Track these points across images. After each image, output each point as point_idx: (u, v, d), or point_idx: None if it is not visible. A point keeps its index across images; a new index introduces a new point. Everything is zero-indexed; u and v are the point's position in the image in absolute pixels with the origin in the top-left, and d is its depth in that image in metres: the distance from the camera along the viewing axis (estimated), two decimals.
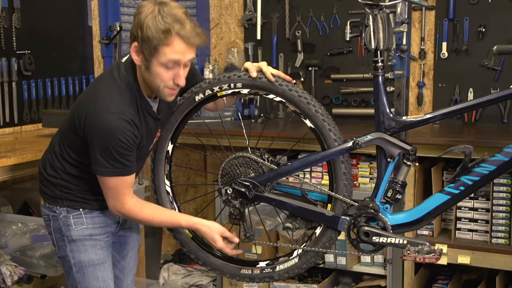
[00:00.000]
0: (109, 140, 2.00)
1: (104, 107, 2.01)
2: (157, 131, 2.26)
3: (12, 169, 2.68)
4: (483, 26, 3.47)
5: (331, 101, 3.89)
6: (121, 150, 2.02)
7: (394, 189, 2.12)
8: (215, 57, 4.29)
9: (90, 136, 2.04)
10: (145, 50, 1.97)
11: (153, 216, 2.20)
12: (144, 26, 1.94)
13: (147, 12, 1.95)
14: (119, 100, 2.03)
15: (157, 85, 2.04)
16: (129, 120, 2.02)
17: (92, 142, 2.04)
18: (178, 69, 2.01)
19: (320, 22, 3.89)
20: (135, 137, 2.05)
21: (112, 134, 1.99)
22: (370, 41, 2.11)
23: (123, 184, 2.10)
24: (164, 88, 2.04)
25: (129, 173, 2.10)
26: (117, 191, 2.11)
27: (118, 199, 2.12)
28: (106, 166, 2.05)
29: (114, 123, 1.99)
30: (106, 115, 2.00)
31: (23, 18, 3.46)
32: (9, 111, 3.40)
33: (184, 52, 1.98)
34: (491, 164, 1.99)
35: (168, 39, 1.94)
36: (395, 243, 2.09)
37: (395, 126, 2.11)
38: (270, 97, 2.20)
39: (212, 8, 4.27)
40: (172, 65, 1.99)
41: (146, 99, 2.12)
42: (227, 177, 2.27)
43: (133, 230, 2.46)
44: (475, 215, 3.16)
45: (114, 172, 2.06)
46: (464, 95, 3.56)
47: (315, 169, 3.48)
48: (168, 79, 2.02)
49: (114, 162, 2.04)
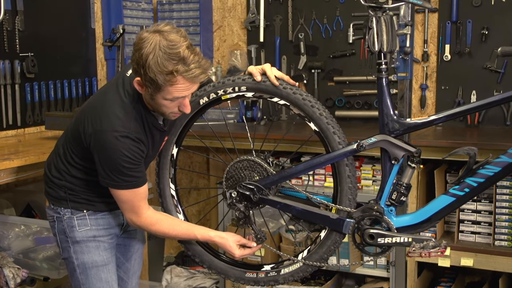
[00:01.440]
0: (116, 158, 2.02)
1: (110, 125, 2.01)
2: (162, 141, 2.28)
3: (15, 172, 2.68)
4: (486, 29, 3.47)
5: (334, 103, 3.89)
6: (128, 165, 2.04)
7: (398, 191, 2.12)
8: (218, 59, 4.29)
9: (96, 152, 2.05)
10: (149, 88, 1.96)
11: (169, 229, 2.22)
12: (146, 67, 1.89)
13: (149, 51, 1.88)
14: (124, 118, 2.03)
15: (162, 112, 2.07)
16: (134, 138, 2.03)
17: (100, 159, 2.05)
18: (183, 100, 2.02)
19: (323, 25, 3.89)
20: (141, 152, 2.07)
21: (118, 152, 2.01)
22: (374, 44, 2.11)
23: (136, 196, 2.12)
24: (170, 114, 2.08)
25: (140, 184, 2.11)
26: (132, 203, 2.13)
27: (133, 211, 2.14)
28: (117, 181, 2.07)
29: (120, 142, 2.00)
30: (112, 133, 2.00)
31: (26, 20, 3.47)
32: (12, 113, 3.40)
33: (189, 88, 1.98)
34: (496, 166, 1.99)
35: (172, 81, 1.92)
36: (400, 242, 2.09)
37: (399, 128, 2.11)
38: (274, 100, 2.20)
39: (215, 10, 4.27)
40: (178, 98, 2.00)
41: (152, 114, 2.13)
42: (232, 180, 2.27)
43: (138, 233, 2.47)
44: (478, 217, 3.15)
45: (126, 186, 2.08)
46: (467, 98, 3.56)
47: (317, 172, 3.48)
48: (173, 108, 2.04)
49: (124, 176, 2.06)
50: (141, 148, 2.06)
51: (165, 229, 2.21)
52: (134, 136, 2.03)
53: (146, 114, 2.10)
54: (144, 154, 2.10)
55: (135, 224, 2.18)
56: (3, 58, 3.33)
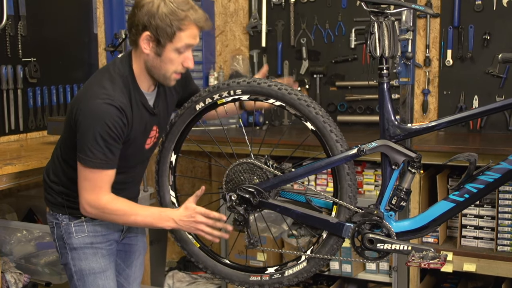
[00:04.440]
0: (96, 126, 2.00)
1: (93, 93, 2.04)
2: (152, 128, 2.23)
3: (17, 177, 2.68)
4: (488, 34, 3.47)
5: (336, 108, 3.89)
6: (107, 138, 2.01)
7: (398, 196, 2.11)
8: (220, 64, 4.30)
9: (78, 123, 2.04)
10: (161, 38, 2.02)
11: (127, 213, 2.10)
12: (158, 15, 2.00)
13: (158, 2, 2.01)
14: (110, 88, 2.05)
15: (167, 71, 2.09)
16: (118, 106, 2.02)
17: (80, 129, 2.03)
18: (188, 53, 2.09)
19: (325, 30, 3.90)
20: (123, 125, 2.05)
21: (99, 119, 2.00)
22: (375, 49, 2.11)
23: (102, 177, 2.07)
24: (173, 73, 2.10)
25: (110, 167, 2.07)
26: (95, 183, 2.07)
27: (95, 192, 2.07)
28: (89, 156, 2.02)
29: (101, 108, 2.00)
30: (95, 100, 2.02)
31: (29, 25, 3.48)
32: (15, 118, 3.41)
33: (196, 36, 2.09)
34: (496, 172, 1.99)
35: (185, 25, 2.03)
36: (400, 250, 2.09)
37: (400, 134, 2.11)
38: (270, 101, 2.20)
39: (217, 15, 4.28)
40: (184, 50, 2.07)
41: (141, 91, 2.14)
42: (232, 184, 2.27)
43: (139, 239, 2.45)
44: (480, 222, 3.15)
45: (96, 164, 2.03)
46: (469, 103, 3.55)
47: (320, 176, 3.47)
48: (178, 64, 2.09)
49: (98, 151, 2.02)
50: (123, 121, 2.04)
51: (121, 214, 2.10)
52: (117, 104, 2.02)
53: (134, 90, 2.11)
54: (126, 130, 2.07)
55: (93, 207, 2.08)
56: (6, 63, 3.34)
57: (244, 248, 2.49)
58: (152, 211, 2.16)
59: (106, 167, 2.06)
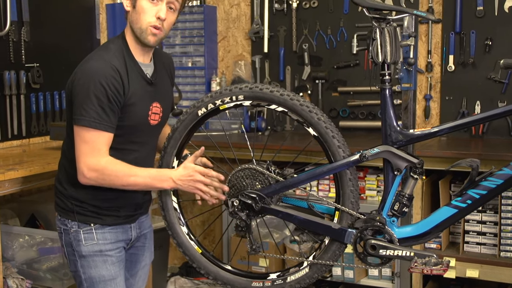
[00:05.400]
0: (90, 84, 2.02)
1: (88, 59, 2.11)
2: (153, 100, 2.23)
3: (20, 182, 2.68)
4: (489, 39, 3.48)
5: (338, 113, 3.90)
6: (100, 96, 2.03)
7: (401, 202, 2.11)
8: (223, 70, 4.31)
9: (74, 87, 2.07)
10: None
11: (126, 173, 2.09)
12: None
13: None
14: (104, 54, 2.11)
15: (142, 22, 2.13)
16: (112, 66, 2.06)
17: (75, 91, 2.06)
18: (161, 4, 2.13)
19: (327, 35, 3.91)
20: (118, 85, 2.06)
21: (92, 76, 2.03)
22: (377, 55, 2.11)
23: (100, 138, 2.06)
24: (148, 26, 2.12)
25: (107, 129, 2.06)
26: (93, 145, 2.05)
27: (93, 155, 2.05)
28: (84, 115, 2.03)
29: (95, 66, 2.05)
30: (89, 62, 2.08)
31: (32, 31, 3.49)
32: (17, 123, 3.42)
33: None
34: (499, 178, 1.98)
35: None
36: (402, 256, 2.08)
37: (402, 139, 2.11)
38: (272, 107, 2.20)
39: (219, 21, 4.29)
40: (157, 1, 2.12)
41: (136, 60, 2.18)
42: (234, 189, 2.27)
43: (146, 249, 2.44)
44: (483, 228, 3.14)
45: (90, 123, 2.03)
46: (471, 108, 3.55)
47: (322, 182, 3.47)
48: (152, 15, 2.12)
49: (94, 110, 2.02)
50: (117, 79, 2.06)
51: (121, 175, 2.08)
52: (110, 63, 2.07)
53: (129, 58, 2.16)
54: (122, 91, 2.08)
55: (93, 170, 2.05)
56: (9, 69, 3.35)
57: (246, 254, 2.48)
58: (151, 172, 2.16)
59: (101, 128, 2.05)
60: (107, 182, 2.09)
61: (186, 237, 2.39)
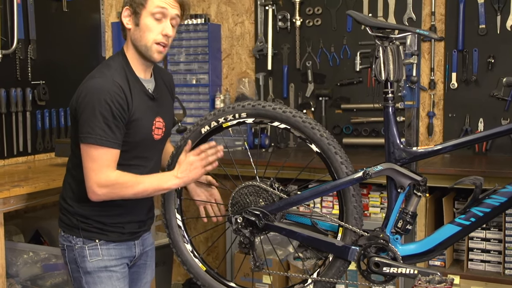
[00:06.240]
0: (94, 102, 2.03)
1: (91, 76, 2.12)
2: (156, 115, 2.23)
3: (25, 198, 2.69)
4: (492, 57, 3.49)
5: (342, 131, 3.91)
6: (107, 114, 2.04)
7: (404, 219, 2.11)
8: (227, 87, 4.33)
9: (79, 104, 2.08)
10: (137, 8, 2.13)
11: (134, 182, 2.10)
12: None
13: None
14: (106, 71, 2.12)
15: (147, 40, 2.14)
16: (115, 83, 2.07)
17: (80, 109, 2.07)
18: (165, 22, 2.14)
19: (330, 53, 3.93)
20: (122, 101, 2.07)
21: (97, 94, 2.04)
22: (380, 73, 2.12)
23: (107, 155, 2.06)
24: (153, 44, 2.14)
25: (114, 146, 2.07)
26: (101, 162, 2.06)
27: (102, 171, 2.05)
28: (91, 133, 2.04)
29: (99, 84, 2.06)
30: (92, 79, 2.09)
31: (38, 49, 3.53)
32: (23, 140, 3.44)
33: (169, 2, 2.14)
34: (502, 196, 1.98)
35: None
36: (406, 273, 2.08)
37: (406, 157, 2.12)
38: (275, 124, 2.21)
39: (223, 39, 4.33)
40: (160, 17, 2.13)
41: (137, 76, 2.19)
42: (237, 206, 2.27)
43: (148, 266, 2.44)
44: (487, 245, 3.13)
45: (96, 140, 2.04)
46: (474, 125, 3.56)
47: (325, 199, 3.47)
48: (157, 33, 2.14)
49: (100, 128, 2.04)
50: (121, 96, 2.07)
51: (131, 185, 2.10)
52: (113, 80, 2.08)
53: (131, 74, 2.16)
54: (126, 107, 2.08)
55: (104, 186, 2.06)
56: (15, 86, 3.38)
57: (250, 270, 2.48)
58: (154, 177, 2.18)
59: (108, 145, 2.06)
60: (118, 195, 2.11)
61: (191, 254, 2.39)
